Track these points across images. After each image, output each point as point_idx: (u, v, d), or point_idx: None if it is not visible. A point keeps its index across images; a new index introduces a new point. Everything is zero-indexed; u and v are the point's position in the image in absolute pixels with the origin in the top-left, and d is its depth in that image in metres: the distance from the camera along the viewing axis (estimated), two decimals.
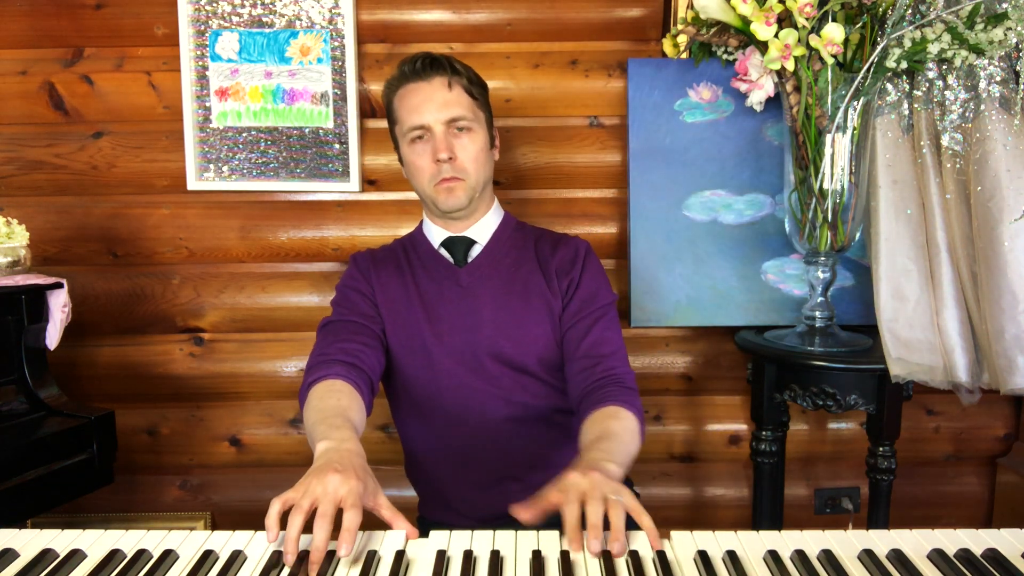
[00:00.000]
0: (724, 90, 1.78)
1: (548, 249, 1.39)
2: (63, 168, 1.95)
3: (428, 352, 1.33)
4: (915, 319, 1.57)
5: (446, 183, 1.31)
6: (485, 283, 1.35)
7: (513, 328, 1.32)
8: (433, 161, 1.31)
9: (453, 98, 1.31)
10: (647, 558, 0.85)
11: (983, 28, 1.46)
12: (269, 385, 2.02)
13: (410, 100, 1.32)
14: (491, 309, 1.33)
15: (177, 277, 1.99)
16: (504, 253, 1.39)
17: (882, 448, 1.59)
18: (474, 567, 0.83)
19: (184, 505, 2.07)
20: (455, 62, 1.34)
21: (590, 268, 1.36)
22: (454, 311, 1.34)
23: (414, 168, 1.34)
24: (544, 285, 1.35)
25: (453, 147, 1.31)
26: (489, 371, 1.32)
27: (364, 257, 1.43)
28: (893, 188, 1.60)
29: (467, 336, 1.33)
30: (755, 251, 1.80)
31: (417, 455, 1.43)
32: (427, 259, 1.40)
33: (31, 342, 1.62)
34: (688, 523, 2.07)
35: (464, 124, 1.32)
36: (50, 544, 0.89)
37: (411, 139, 1.33)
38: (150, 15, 1.90)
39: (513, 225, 1.44)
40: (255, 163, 1.92)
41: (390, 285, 1.37)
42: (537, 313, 1.33)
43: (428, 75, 1.31)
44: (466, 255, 1.38)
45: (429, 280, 1.37)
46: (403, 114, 1.34)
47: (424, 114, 1.30)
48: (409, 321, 1.34)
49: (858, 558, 0.85)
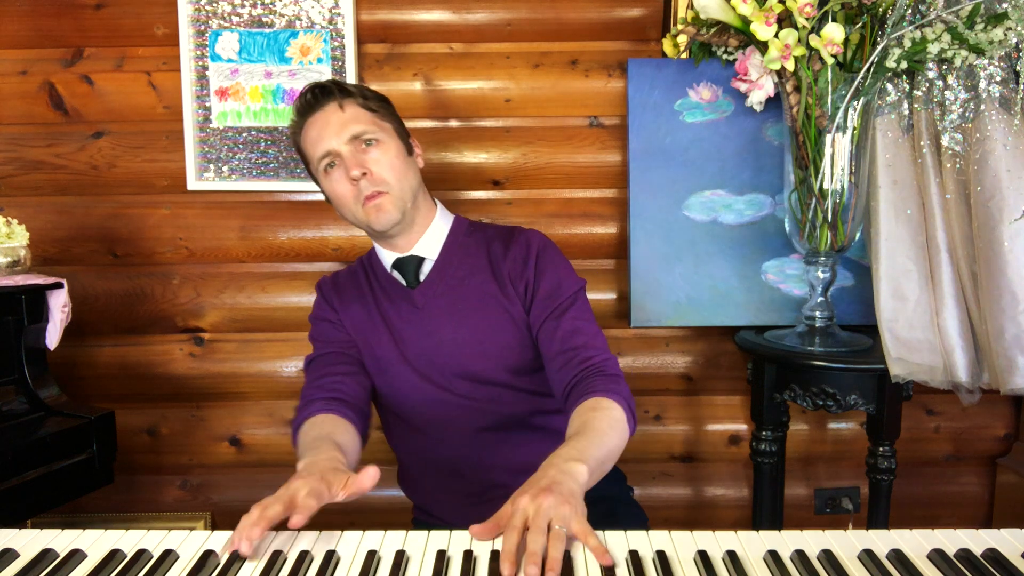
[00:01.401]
0: (724, 90, 1.78)
1: (500, 250, 1.34)
2: (63, 168, 1.95)
3: (398, 373, 1.32)
4: (915, 319, 1.57)
5: (371, 201, 1.27)
6: (439, 301, 1.33)
7: (475, 344, 1.30)
8: (350, 182, 1.27)
9: (349, 117, 1.28)
10: (647, 558, 0.85)
11: (983, 28, 1.46)
12: (269, 385, 2.02)
13: (310, 133, 1.30)
14: (449, 327, 1.31)
15: (177, 277, 1.99)
16: (455, 266, 1.35)
17: (882, 448, 1.59)
18: (474, 567, 0.83)
19: (184, 505, 2.07)
20: (345, 84, 1.32)
21: (545, 263, 1.31)
22: (415, 333, 1.32)
23: (337, 197, 1.30)
24: (498, 291, 1.31)
25: (364, 162, 1.27)
26: (459, 390, 1.31)
27: (327, 285, 1.42)
28: (893, 188, 1.60)
29: (431, 358, 1.31)
30: (755, 251, 1.80)
31: (407, 468, 1.44)
32: (384, 282, 1.38)
33: (31, 342, 1.62)
34: (688, 523, 2.07)
35: (369, 137, 1.28)
36: (50, 544, 0.89)
37: (324, 169, 1.30)
38: (150, 15, 1.90)
39: (463, 231, 1.39)
40: (255, 163, 1.92)
41: (354, 310, 1.36)
42: (497, 323, 1.30)
43: (319, 104, 1.29)
44: (417, 275, 1.35)
45: (389, 303, 1.35)
46: (309, 149, 1.31)
47: (326, 140, 1.27)
48: (376, 344, 1.33)
49: (858, 558, 0.85)
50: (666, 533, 0.90)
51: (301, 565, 0.83)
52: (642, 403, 2.03)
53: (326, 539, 0.89)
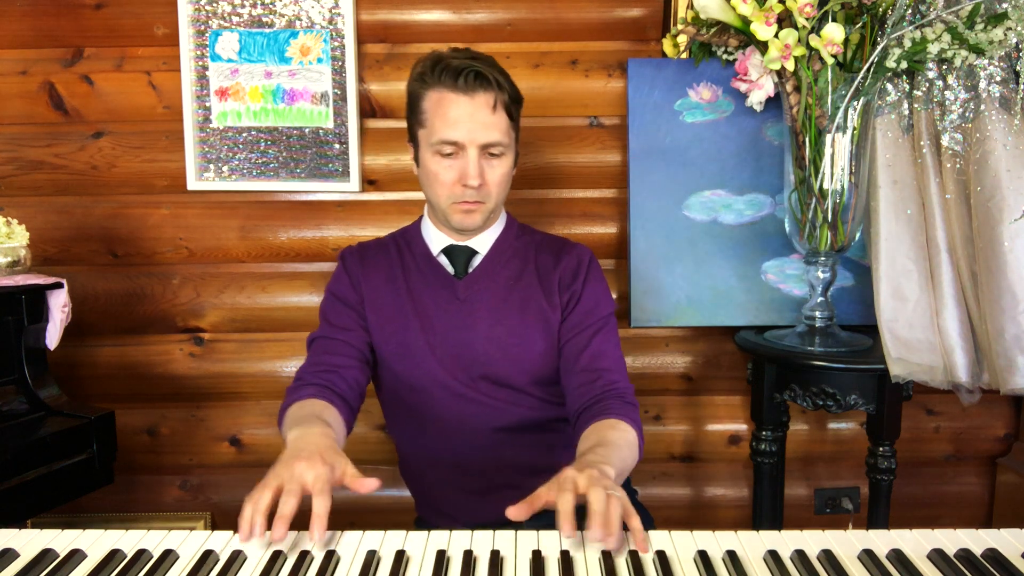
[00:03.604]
0: (724, 90, 1.78)
1: (550, 259, 1.34)
2: (63, 168, 1.95)
3: (421, 361, 1.30)
4: (915, 319, 1.57)
5: (466, 205, 1.25)
6: (482, 296, 1.31)
7: (508, 346, 1.29)
8: (459, 182, 1.24)
9: (494, 121, 1.22)
10: (647, 558, 0.85)
11: (983, 28, 1.46)
12: (269, 385, 2.02)
13: (448, 111, 1.22)
14: (487, 325, 1.29)
15: (177, 277, 1.99)
16: (504, 264, 1.34)
17: (882, 448, 1.59)
18: (474, 567, 0.83)
19: (184, 505, 2.07)
20: (500, 76, 1.24)
21: (592, 279, 1.32)
22: (449, 324, 1.30)
23: (433, 178, 1.26)
24: (543, 298, 1.30)
25: (484, 173, 1.24)
26: (479, 388, 1.30)
27: (352, 256, 1.37)
28: (893, 188, 1.60)
29: (461, 351, 1.29)
30: (755, 251, 1.80)
31: (409, 459, 1.42)
32: (424, 264, 1.34)
33: (31, 342, 1.62)
34: (688, 523, 2.07)
35: (499, 150, 1.24)
36: (50, 544, 0.89)
37: (438, 148, 1.24)
38: (150, 15, 1.90)
39: (515, 231, 1.38)
40: (255, 163, 1.92)
41: (380, 288, 1.33)
42: (533, 329, 1.29)
43: (473, 90, 1.21)
44: (466, 266, 1.33)
45: (424, 286, 1.32)
46: (436, 122, 1.23)
47: (462, 132, 1.21)
48: (401, 327, 1.30)
49: (858, 558, 0.85)
50: (666, 533, 0.90)
51: (301, 565, 0.83)
52: (642, 403, 2.03)
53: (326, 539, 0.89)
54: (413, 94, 1.27)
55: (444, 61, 1.22)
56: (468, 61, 1.22)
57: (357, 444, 2.03)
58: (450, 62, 1.22)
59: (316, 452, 0.94)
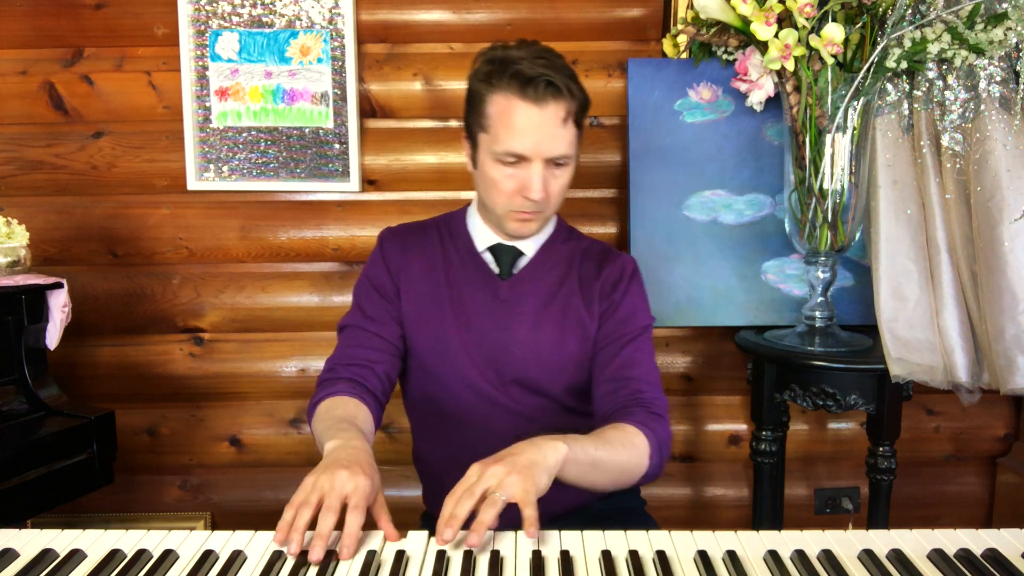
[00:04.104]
0: (724, 90, 1.78)
1: (593, 267, 1.30)
2: (63, 168, 1.95)
3: (453, 359, 1.26)
4: (915, 319, 1.57)
5: (524, 215, 1.21)
6: (525, 300, 1.27)
7: (545, 352, 1.25)
8: (519, 193, 1.18)
9: (564, 134, 1.16)
10: (647, 558, 0.85)
11: (983, 28, 1.46)
12: (269, 385, 2.02)
13: (514, 121, 1.14)
14: (525, 329, 1.26)
15: (177, 277, 1.99)
16: (549, 269, 1.29)
17: (882, 448, 1.59)
18: (474, 567, 0.83)
19: (184, 505, 2.07)
20: (572, 82, 1.16)
21: (632, 290, 1.29)
22: (488, 323, 1.26)
23: (492, 184, 1.20)
24: (582, 306, 1.27)
25: (549, 184, 1.18)
26: (511, 394, 1.26)
27: (392, 242, 1.32)
28: (893, 188, 1.60)
29: (496, 354, 1.26)
30: (755, 251, 1.80)
31: (425, 453, 1.39)
32: (467, 258, 1.29)
33: (31, 342, 1.62)
34: (688, 523, 2.07)
35: (564, 160, 1.18)
36: (50, 544, 0.89)
37: (501, 156, 1.17)
38: (150, 15, 1.90)
39: (563, 236, 1.34)
40: (255, 163, 1.92)
41: (418, 277, 1.28)
42: (571, 336, 1.26)
43: (543, 100, 1.13)
44: (511, 266, 1.29)
45: (466, 283, 1.28)
46: (501, 131, 1.16)
47: (528, 145, 1.15)
48: (437, 321, 1.26)
49: (858, 558, 0.85)
50: (666, 533, 0.90)
51: (301, 566, 0.83)
52: None
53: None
54: (476, 93, 1.20)
55: (514, 64, 1.14)
56: (540, 69, 1.13)
57: None
58: (521, 67, 1.13)
59: (357, 464, 0.92)
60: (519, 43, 1.19)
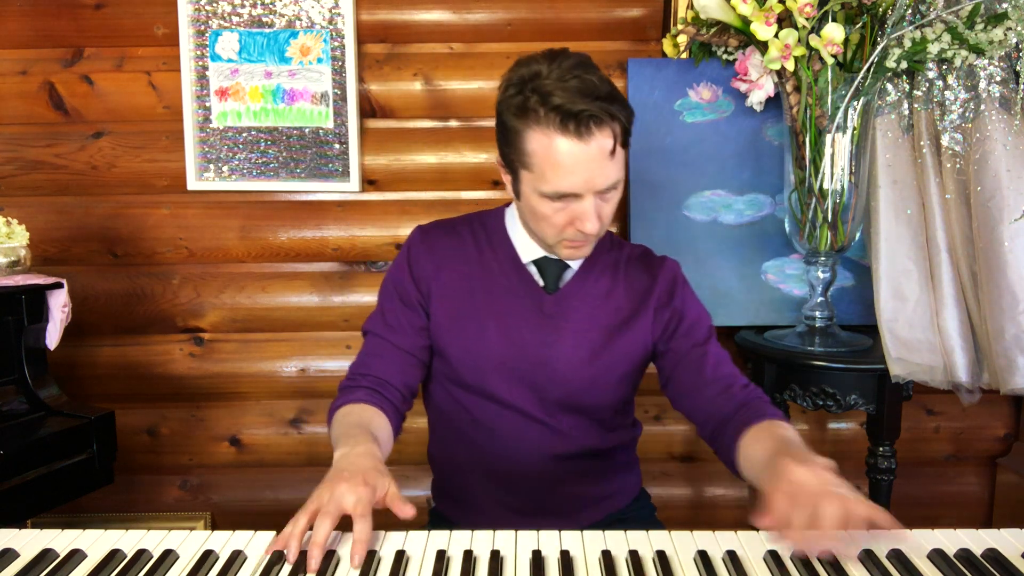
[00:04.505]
0: (724, 90, 1.78)
1: (643, 277, 1.23)
2: (63, 168, 1.95)
3: (491, 372, 1.19)
4: (915, 319, 1.57)
5: (574, 243, 1.13)
6: (571, 315, 1.20)
7: (591, 372, 1.20)
8: (570, 225, 1.10)
9: (611, 166, 1.06)
10: (647, 558, 0.85)
11: (983, 28, 1.46)
12: (269, 385, 2.02)
13: (560, 160, 1.04)
14: (571, 346, 1.19)
15: (177, 277, 1.99)
16: (595, 280, 1.22)
17: (882, 448, 1.59)
18: (474, 567, 0.83)
19: (184, 505, 2.07)
20: (610, 102, 1.04)
21: (687, 293, 1.24)
22: (531, 338, 1.19)
23: (540, 218, 1.11)
24: (633, 318, 1.21)
25: (601, 212, 1.10)
26: (551, 412, 1.21)
27: (421, 246, 1.24)
28: (893, 188, 1.60)
29: (539, 370, 1.19)
30: (755, 251, 1.80)
31: (443, 452, 1.33)
32: (509, 268, 1.21)
33: (31, 342, 1.62)
34: (688, 523, 2.06)
35: (615, 186, 1.10)
36: (50, 544, 0.89)
37: (550, 193, 1.08)
38: (150, 15, 1.90)
39: (607, 244, 1.26)
40: (255, 163, 1.92)
41: (452, 284, 1.21)
42: (619, 352, 1.20)
43: (588, 135, 1.02)
44: (558, 279, 1.21)
45: (507, 294, 1.20)
46: (547, 171, 1.05)
47: (578, 184, 1.05)
48: (475, 332, 1.19)
49: (858, 558, 0.85)
50: (666, 533, 0.90)
51: (301, 565, 0.83)
52: (642, 403, 2.03)
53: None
54: (510, 129, 1.08)
55: (551, 98, 1.03)
56: (577, 100, 1.02)
57: None
58: (556, 99, 1.02)
59: (359, 473, 0.91)
60: (547, 57, 1.07)
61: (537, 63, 1.06)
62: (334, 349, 2.01)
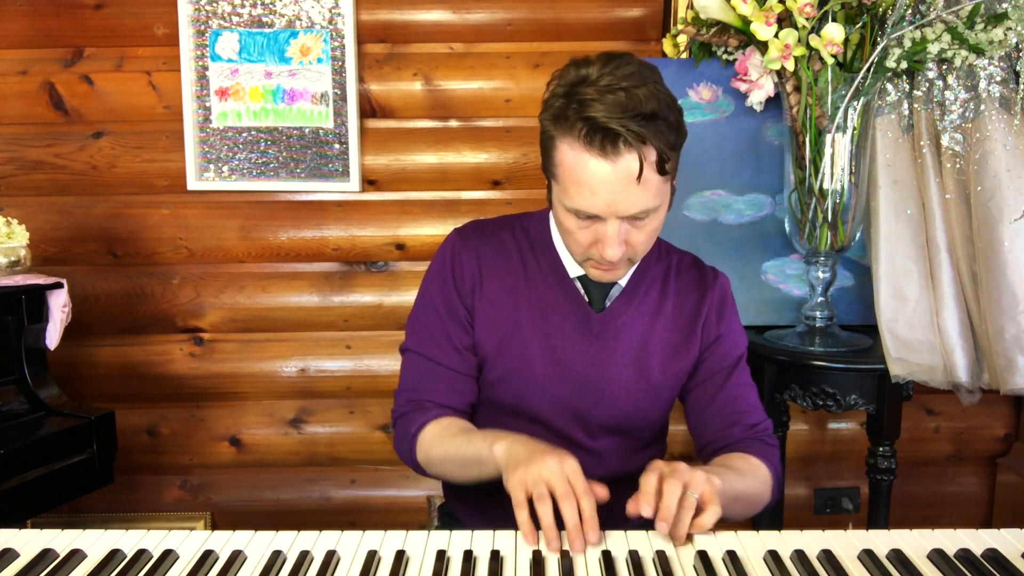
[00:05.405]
0: (724, 90, 1.78)
1: (692, 292, 1.17)
2: (63, 168, 1.95)
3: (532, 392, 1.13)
4: (915, 319, 1.57)
5: (603, 265, 1.06)
6: (620, 335, 1.14)
7: (639, 393, 1.14)
8: (595, 246, 1.03)
9: (639, 191, 0.97)
10: (647, 558, 0.85)
11: (983, 28, 1.46)
12: (269, 385, 2.02)
13: (583, 178, 0.97)
14: (618, 368, 1.13)
15: (177, 277, 1.99)
16: (644, 295, 1.15)
17: (882, 448, 1.58)
18: (474, 567, 0.83)
19: (184, 505, 2.07)
20: (650, 120, 0.95)
21: (733, 314, 1.20)
22: (578, 359, 1.13)
23: (567, 233, 1.06)
24: (679, 336, 1.16)
25: (629, 237, 1.02)
26: (593, 434, 1.16)
27: (465, 254, 1.15)
28: (893, 188, 1.60)
29: (583, 392, 1.14)
30: (755, 251, 1.79)
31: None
32: (554, 281, 1.14)
33: (31, 342, 1.62)
34: None
35: (645, 215, 1.01)
36: (50, 544, 0.89)
37: (575, 211, 1.01)
38: (150, 15, 1.90)
39: (656, 253, 1.18)
40: (255, 163, 1.92)
41: (496, 293, 1.14)
42: (668, 375, 1.16)
43: (615, 155, 0.94)
44: (604, 297, 1.14)
45: (554, 309, 1.13)
46: (569, 186, 0.99)
47: (599, 205, 0.98)
48: (518, 350, 1.13)
49: (858, 558, 0.85)
50: None
51: (301, 565, 0.83)
52: None
53: (326, 539, 0.89)
54: (545, 134, 1.02)
55: (587, 108, 0.95)
56: (616, 119, 0.93)
57: (358, 444, 2.03)
58: (590, 109, 0.95)
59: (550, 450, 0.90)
60: (601, 60, 0.98)
61: (588, 66, 0.98)
62: (334, 349, 2.01)
